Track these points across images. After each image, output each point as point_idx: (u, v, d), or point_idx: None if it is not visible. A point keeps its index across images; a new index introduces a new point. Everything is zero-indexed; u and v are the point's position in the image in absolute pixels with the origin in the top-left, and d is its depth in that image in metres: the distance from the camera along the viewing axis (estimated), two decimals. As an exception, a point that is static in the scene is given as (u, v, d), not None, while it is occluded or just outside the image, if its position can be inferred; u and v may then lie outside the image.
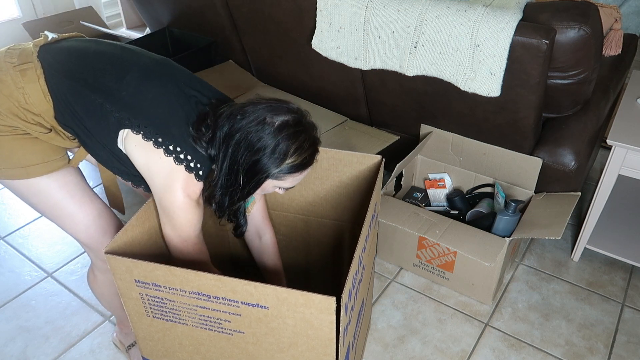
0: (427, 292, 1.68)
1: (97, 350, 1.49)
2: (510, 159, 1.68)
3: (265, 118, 0.95)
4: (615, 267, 1.77)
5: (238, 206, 1.08)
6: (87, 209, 1.11)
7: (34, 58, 1.00)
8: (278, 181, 1.00)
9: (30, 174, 1.03)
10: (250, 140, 0.94)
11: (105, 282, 1.25)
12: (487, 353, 1.48)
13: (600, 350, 1.49)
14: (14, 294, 1.68)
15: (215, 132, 0.96)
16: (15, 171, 1.02)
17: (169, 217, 1.01)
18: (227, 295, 0.88)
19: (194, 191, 1.00)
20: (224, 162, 0.97)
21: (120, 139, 1.00)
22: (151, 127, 0.96)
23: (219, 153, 0.97)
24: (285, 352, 0.95)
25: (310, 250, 1.47)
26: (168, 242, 1.06)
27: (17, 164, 1.02)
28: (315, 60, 1.74)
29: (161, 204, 1.01)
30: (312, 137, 1.01)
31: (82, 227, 1.12)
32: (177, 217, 1.00)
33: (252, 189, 0.99)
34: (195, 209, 1.01)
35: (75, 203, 1.10)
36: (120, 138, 0.99)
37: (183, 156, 0.97)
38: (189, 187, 0.98)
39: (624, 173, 1.55)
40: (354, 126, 1.85)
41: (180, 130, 0.97)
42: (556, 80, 1.45)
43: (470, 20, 1.38)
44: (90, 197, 1.13)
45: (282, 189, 1.05)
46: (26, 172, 1.03)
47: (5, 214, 2.03)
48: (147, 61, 1.04)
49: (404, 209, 1.68)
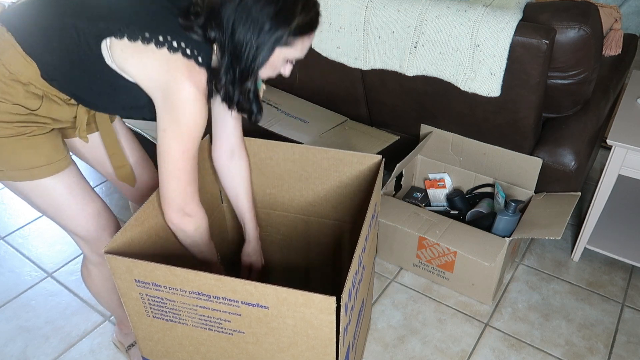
0: (427, 292, 1.68)
1: (97, 350, 1.49)
2: (510, 159, 1.68)
3: None
4: (615, 267, 1.77)
5: (249, 88, 0.98)
6: (88, 208, 1.12)
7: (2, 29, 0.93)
8: (287, 49, 0.94)
9: (35, 175, 1.02)
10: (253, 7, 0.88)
11: (99, 277, 1.25)
12: (487, 353, 1.48)
13: (600, 350, 1.49)
14: (14, 294, 1.68)
15: (209, 13, 0.90)
16: (18, 173, 1.02)
17: (174, 118, 0.93)
18: (227, 295, 0.88)
19: (200, 80, 0.92)
20: (228, 36, 0.90)
21: (106, 54, 0.92)
22: (133, 25, 0.89)
23: (220, 31, 0.90)
24: (285, 352, 0.95)
25: (310, 250, 1.47)
26: (165, 155, 0.97)
27: (21, 166, 1.01)
28: (315, 60, 1.74)
29: (166, 104, 0.93)
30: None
31: (82, 225, 1.13)
32: (182, 114, 0.92)
33: (261, 61, 0.93)
34: (202, 104, 0.93)
35: (78, 203, 1.10)
36: (106, 53, 0.92)
37: (176, 44, 0.89)
38: (192, 75, 0.91)
39: (624, 173, 1.55)
40: (354, 126, 1.85)
41: (166, 22, 0.91)
42: (556, 80, 1.45)
43: (470, 20, 1.38)
44: (91, 196, 1.13)
45: (290, 62, 0.99)
46: (30, 173, 1.02)
47: (5, 214, 2.03)
48: None
49: (404, 209, 1.68)
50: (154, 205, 1.05)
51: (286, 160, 1.28)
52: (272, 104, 1.92)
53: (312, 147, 1.24)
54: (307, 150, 1.25)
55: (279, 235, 1.45)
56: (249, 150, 1.26)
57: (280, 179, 1.32)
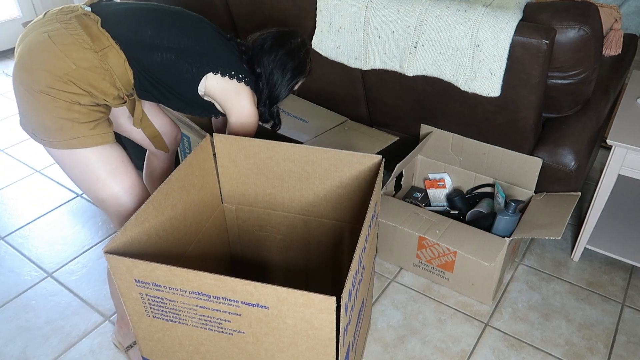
0: (427, 292, 1.68)
1: (97, 350, 1.49)
2: (510, 159, 1.68)
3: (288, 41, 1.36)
4: (615, 267, 1.77)
5: (276, 107, 1.43)
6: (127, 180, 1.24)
7: (110, 41, 1.15)
8: (301, 81, 1.43)
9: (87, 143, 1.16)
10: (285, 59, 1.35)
11: None
12: (487, 353, 1.48)
13: (600, 350, 1.49)
14: (14, 294, 1.68)
15: (252, 55, 1.33)
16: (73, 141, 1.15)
17: (242, 125, 1.33)
18: (227, 295, 0.88)
19: (252, 95, 1.34)
20: (267, 76, 1.35)
21: (201, 84, 1.27)
22: (226, 64, 1.27)
23: (264, 71, 1.34)
24: (285, 352, 0.95)
25: (310, 250, 1.47)
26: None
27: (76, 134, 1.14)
28: (315, 60, 1.74)
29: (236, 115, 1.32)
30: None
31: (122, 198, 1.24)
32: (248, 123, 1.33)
33: (285, 94, 1.39)
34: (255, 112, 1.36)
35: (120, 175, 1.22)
36: (202, 83, 1.27)
37: (242, 76, 1.31)
38: (249, 94, 1.33)
39: (624, 173, 1.55)
40: (353, 126, 1.85)
41: (237, 61, 1.30)
42: (556, 80, 1.45)
43: (470, 20, 1.38)
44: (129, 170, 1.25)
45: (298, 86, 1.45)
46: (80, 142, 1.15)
47: (5, 214, 2.03)
48: (182, 12, 1.29)
49: (404, 209, 1.68)
50: (154, 205, 1.05)
51: (286, 160, 1.28)
52: (272, 104, 1.92)
53: (312, 147, 1.24)
54: (307, 150, 1.25)
55: (279, 235, 1.45)
56: (249, 151, 1.28)
57: (280, 179, 1.32)
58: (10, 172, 2.28)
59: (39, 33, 1.12)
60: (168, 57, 1.21)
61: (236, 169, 1.32)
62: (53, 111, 1.11)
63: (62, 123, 1.12)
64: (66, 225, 1.97)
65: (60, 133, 1.13)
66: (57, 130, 1.13)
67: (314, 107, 1.92)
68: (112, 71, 1.15)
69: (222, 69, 1.27)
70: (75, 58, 1.11)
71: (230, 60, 1.29)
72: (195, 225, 1.26)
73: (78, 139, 1.15)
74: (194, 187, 1.22)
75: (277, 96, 1.39)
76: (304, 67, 1.40)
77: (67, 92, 1.11)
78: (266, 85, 1.36)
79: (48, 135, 1.14)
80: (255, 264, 1.54)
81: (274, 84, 1.36)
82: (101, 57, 1.13)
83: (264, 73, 1.34)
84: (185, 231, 1.21)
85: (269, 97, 1.38)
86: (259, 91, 1.36)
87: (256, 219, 1.42)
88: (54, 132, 1.13)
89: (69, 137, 1.14)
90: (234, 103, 1.32)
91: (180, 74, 1.24)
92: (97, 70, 1.14)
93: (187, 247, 1.23)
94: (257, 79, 1.35)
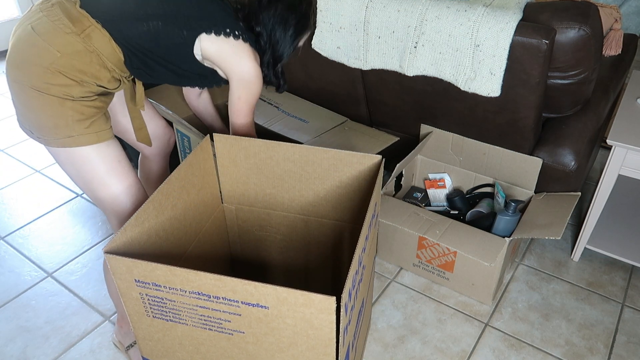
0: (427, 292, 1.68)
1: (97, 350, 1.49)
2: (510, 159, 1.68)
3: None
4: (615, 267, 1.77)
5: (280, 67, 1.35)
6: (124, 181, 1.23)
7: (91, 21, 1.10)
8: (306, 37, 1.36)
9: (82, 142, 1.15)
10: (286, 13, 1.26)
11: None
12: (487, 353, 1.48)
13: (600, 350, 1.49)
14: (14, 294, 1.68)
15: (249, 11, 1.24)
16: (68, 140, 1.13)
17: (246, 87, 1.26)
18: (227, 295, 0.88)
19: (256, 57, 1.27)
20: (268, 34, 1.26)
21: (197, 46, 1.20)
22: (219, 23, 1.20)
23: (264, 29, 1.26)
24: (285, 352, 0.95)
25: (310, 250, 1.47)
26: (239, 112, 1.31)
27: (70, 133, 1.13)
28: (315, 60, 1.74)
29: (238, 76, 1.25)
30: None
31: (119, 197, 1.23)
32: (252, 83, 1.26)
33: (288, 52, 1.31)
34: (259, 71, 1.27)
35: (116, 175, 1.21)
36: (197, 46, 1.20)
37: (238, 33, 1.22)
38: (249, 51, 1.25)
39: (624, 173, 1.55)
40: (353, 126, 1.85)
41: (229, 17, 1.22)
42: (556, 80, 1.45)
43: (470, 20, 1.38)
44: (126, 169, 1.24)
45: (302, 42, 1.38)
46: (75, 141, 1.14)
47: (5, 214, 2.03)
48: None
49: (404, 209, 1.68)
50: (154, 205, 1.05)
51: (286, 160, 1.28)
52: (272, 103, 1.92)
53: (312, 147, 1.24)
54: (307, 150, 1.25)
55: (279, 235, 1.45)
56: (249, 151, 1.28)
57: (280, 179, 1.32)
58: (10, 172, 2.28)
59: (25, 27, 1.10)
60: (155, 24, 1.15)
61: (236, 169, 1.32)
62: (46, 108, 1.10)
63: (56, 121, 1.11)
64: (66, 225, 1.97)
65: (55, 131, 1.12)
66: (52, 128, 1.12)
67: (314, 107, 1.92)
68: (98, 52, 1.11)
69: (215, 27, 1.19)
70: (58, 45, 1.08)
71: (223, 18, 1.21)
72: (195, 225, 1.26)
73: (72, 137, 1.13)
74: (194, 187, 1.22)
75: (281, 55, 1.30)
76: (307, 20, 1.31)
77: (57, 85, 1.09)
78: (268, 45, 1.27)
79: (43, 133, 1.13)
80: (255, 264, 1.54)
81: (276, 41, 1.27)
82: (84, 40, 1.09)
83: (264, 31, 1.25)
84: (185, 231, 1.21)
85: (272, 57, 1.29)
86: (260, 51, 1.28)
87: (256, 219, 1.42)
88: (49, 130, 1.12)
89: (64, 136, 1.13)
90: (234, 63, 1.23)
91: (171, 41, 1.17)
92: (83, 54, 1.10)
93: (187, 247, 1.23)
94: (257, 38, 1.26)
